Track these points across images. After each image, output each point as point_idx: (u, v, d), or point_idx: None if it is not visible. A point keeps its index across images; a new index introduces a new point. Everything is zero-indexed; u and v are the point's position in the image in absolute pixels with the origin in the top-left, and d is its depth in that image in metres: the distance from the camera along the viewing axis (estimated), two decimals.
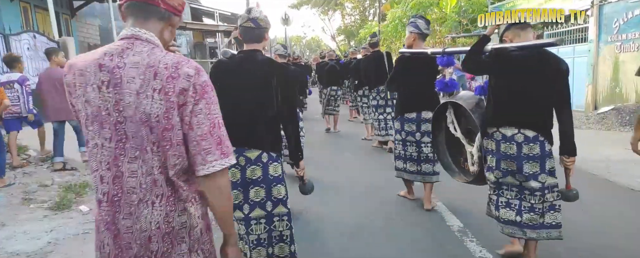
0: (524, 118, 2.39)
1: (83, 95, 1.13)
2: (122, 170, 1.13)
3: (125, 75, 1.10)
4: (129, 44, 1.14)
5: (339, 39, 37.16)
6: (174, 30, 1.27)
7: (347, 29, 34.11)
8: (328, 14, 36.71)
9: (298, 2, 35.58)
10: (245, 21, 2.18)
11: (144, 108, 1.10)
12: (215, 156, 1.14)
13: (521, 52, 2.38)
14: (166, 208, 1.16)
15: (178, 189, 1.17)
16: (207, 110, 1.13)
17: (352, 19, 34.27)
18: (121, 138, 1.12)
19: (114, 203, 1.15)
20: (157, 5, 1.17)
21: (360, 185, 4.57)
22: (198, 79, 1.13)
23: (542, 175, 2.39)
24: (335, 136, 8.03)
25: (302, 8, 36.00)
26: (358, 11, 33.39)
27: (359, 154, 6.25)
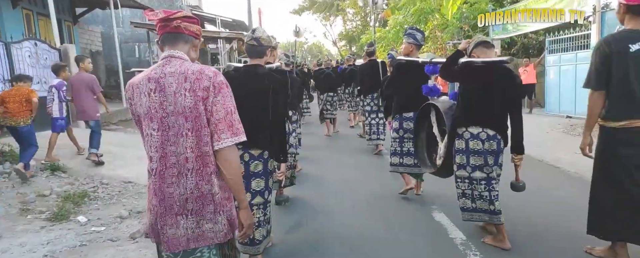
0: (486, 119, 2.89)
1: (139, 101, 1.57)
2: (166, 151, 1.55)
3: (166, 82, 1.54)
4: (166, 62, 1.59)
5: (341, 45, 37.10)
6: (197, 49, 1.73)
7: (348, 34, 34.06)
8: (330, 20, 36.71)
9: (299, 8, 35.51)
10: (250, 40, 2.63)
11: (180, 103, 1.53)
12: (227, 135, 1.55)
13: (484, 66, 2.87)
14: (195, 179, 1.56)
15: (206, 164, 1.56)
16: (222, 101, 1.55)
17: (354, 25, 34.23)
18: (165, 128, 1.55)
19: (160, 175, 1.56)
20: (181, 32, 1.62)
21: (360, 192, 4.59)
22: (216, 79, 1.56)
23: (495, 167, 2.93)
24: (335, 141, 8.19)
25: (303, 14, 36.07)
26: (359, 17, 33.38)
27: (359, 160, 6.34)
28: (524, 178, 3.15)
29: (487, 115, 2.90)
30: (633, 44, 2.35)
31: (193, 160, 1.56)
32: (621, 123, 2.42)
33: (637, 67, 2.36)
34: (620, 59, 2.37)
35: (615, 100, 2.44)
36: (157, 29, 1.65)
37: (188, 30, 1.65)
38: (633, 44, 2.35)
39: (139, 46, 14.29)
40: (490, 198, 2.95)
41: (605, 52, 2.42)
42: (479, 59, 2.91)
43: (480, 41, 2.98)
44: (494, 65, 2.88)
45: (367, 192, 4.57)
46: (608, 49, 2.41)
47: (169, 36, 1.63)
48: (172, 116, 1.54)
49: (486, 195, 2.94)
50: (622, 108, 2.42)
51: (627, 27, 2.45)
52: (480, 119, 2.91)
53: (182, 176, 1.56)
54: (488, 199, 2.95)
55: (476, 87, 2.92)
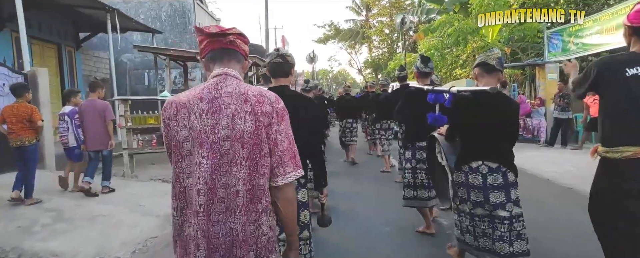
0: (485, 151, 2.59)
1: (188, 123, 1.35)
2: (215, 183, 1.32)
3: (223, 103, 1.35)
4: (221, 79, 1.40)
5: (366, 72, 36.11)
6: (244, 72, 1.54)
7: (374, 62, 33.08)
8: (355, 48, 36.07)
9: (324, 37, 35.22)
10: (275, 58, 2.48)
11: (239, 127, 1.33)
12: (291, 168, 1.39)
13: (477, 95, 2.60)
14: (244, 218, 1.34)
15: (258, 200, 1.36)
16: (286, 130, 1.40)
17: (380, 52, 33.31)
18: (216, 155, 1.33)
19: (208, 212, 1.33)
20: (237, 50, 1.47)
21: (378, 219, 4.46)
22: (278, 104, 1.40)
23: (509, 204, 2.55)
24: (354, 167, 8.11)
25: (328, 43, 35.59)
26: (386, 44, 32.43)
27: (378, 186, 6.17)
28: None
29: (486, 146, 2.62)
30: (630, 68, 2.11)
31: (243, 194, 1.33)
32: (624, 154, 2.10)
33: (636, 90, 2.09)
34: (615, 84, 2.15)
35: (614, 127, 2.19)
36: (205, 46, 1.44)
37: (241, 49, 1.48)
38: (630, 67, 2.11)
39: (148, 72, 13.29)
40: (506, 237, 2.56)
41: (593, 73, 2.21)
42: (466, 90, 2.74)
43: (481, 61, 2.63)
44: (484, 94, 2.55)
45: (385, 218, 4.45)
46: (596, 73, 2.20)
47: (223, 52, 1.43)
48: (226, 141, 1.33)
49: (489, 232, 2.61)
50: (619, 135, 2.15)
51: (633, 49, 2.19)
52: (480, 151, 2.62)
53: (230, 213, 1.33)
54: (508, 241, 2.56)
55: (471, 119, 2.65)
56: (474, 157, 2.59)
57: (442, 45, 13.01)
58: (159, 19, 13.31)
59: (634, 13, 2.16)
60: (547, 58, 10.62)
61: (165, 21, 13.34)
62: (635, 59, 2.14)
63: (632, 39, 2.21)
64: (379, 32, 31.54)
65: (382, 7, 31.72)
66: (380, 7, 31.92)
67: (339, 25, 35.11)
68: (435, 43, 13.43)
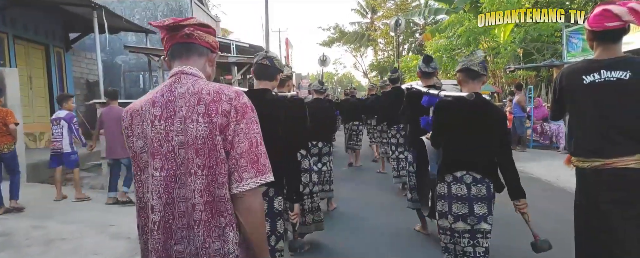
0: (469, 160, 2.46)
1: (142, 132, 1.24)
2: (173, 196, 1.20)
3: (176, 106, 1.22)
4: (176, 79, 1.27)
5: (371, 75, 35.57)
6: (213, 64, 1.40)
7: (379, 64, 32.53)
8: (360, 51, 35.61)
9: (329, 40, 34.79)
10: (262, 59, 2.43)
11: (190, 132, 1.19)
12: (250, 173, 1.20)
13: (459, 102, 2.47)
14: (203, 234, 1.19)
15: (220, 213, 1.20)
16: (247, 129, 1.22)
17: (385, 55, 32.82)
18: (171, 166, 1.20)
19: (166, 230, 1.21)
20: (195, 42, 1.31)
21: (378, 223, 4.48)
22: (238, 101, 1.23)
23: (490, 216, 2.44)
24: (358, 171, 8.01)
25: (333, 45, 35.18)
26: (391, 47, 31.94)
27: (381, 191, 6.13)
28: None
29: (470, 156, 2.44)
30: (587, 76, 2.05)
31: (201, 208, 1.19)
32: (593, 164, 2.03)
33: (593, 99, 2.03)
34: (575, 93, 2.11)
35: (580, 136, 2.12)
36: (164, 42, 1.33)
37: (202, 41, 1.32)
38: (587, 75, 2.05)
39: (144, 75, 12.73)
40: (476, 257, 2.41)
41: (556, 87, 2.23)
42: (447, 95, 2.62)
43: (464, 67, 2.46)
44: (467, 100, 2.36)
45: (386, 224, 4.44)
46: (559, 84, 2.20)
47: (179, 47, 1.31)
48: (180, 149, 1.20)
49: (470, 251, 2.42)
50: (590, 146, 2.06)
51: (594, 55, 2.12)
52: (464, 161, 2.45)
53: (191, 229, 1.20)
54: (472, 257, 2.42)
55: (454, 127, 2.49)
56: (458, 166, 2.46)
57: (452, 45, 12.34)
58: (155, 19, 12.77)
59: (594, 17, 2.03)
60: (566, 59, 9.93)
61: None
62: (593, 66, 2.06)
63: (593, 43, 2.11)
64: (384, 34, 31.08)
65: (387, 10, 31.27)
66: (385, 10, 31.48)
67: (344, 28, 34.79)
68: (445, 43, 12.75)
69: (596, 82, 2.02)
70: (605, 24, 1.99)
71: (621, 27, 1.99)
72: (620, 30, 2.01)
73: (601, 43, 2.06)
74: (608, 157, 1.97)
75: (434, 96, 2.92)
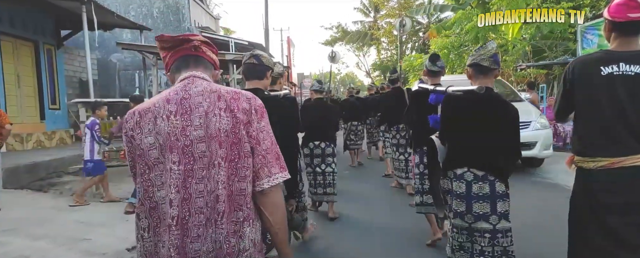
0: (471, 156, 2.38)
1: (154, 128, 1.23)
2: (190, 192, 1.19)
3: (193, 103, 1.24)
4: (189, 81, 1.28)
5: (374, 75, 35.14)
6: (214, 81, 1.39)
7: (382, 64, 32.09)
8: (363, 50, 35.22)
9: (332, 39, 34.40)
10: (249, 58, 2.41)
11: (214, 125, 1.21)
12: (277, 169, 1.26)
13: (468, 96, 2.42)
14: (226, 227, 1.20)
15: (239, 207, 1.22)
16: (267, 128, 1.28)
17: (389, 54, 32.39)
18: (189, 160, 1.20)
19: (183, 226, 1.18)
20: (202, 56, 1.35)
21: (379, 224, 4.42)
22: (255, 101, 1.29)
23: (493, 217, 2.33)
24: (358, 171, 7.99)
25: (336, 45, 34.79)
26: (394, 46, 31.53)
27: (381, 192, 6.07)
28: None
29: (473, 153, 2.35)
30: (606, 67, 1.92)
31: (224, 200, 1.19)
32: (600, 164, 1.90)
33: (609, 93, 1.91)
34: (589, 85, 1.97)
35: (588, 133, 1.99)
36: (169, 58, 1.34)
37: (207, 56, 1.37)
38: (605, 66, 1.92)
39: (139, 73, 12.32)
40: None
41: (567, 78, 2.06)
42: (456, 90, 2.53)
43: (473, 62, 2.36)
44: (477, 94, 2.30)
45: (386, 224, 4.41)
46: (571, 74, 2.04)
47: (187, 59, 1.33)
48: (200, 143, 1.20)
49: (468, 246, 2.37)
50: (598, 143, 1.94)
51: (610, 47, 2.01)
52: (466, 158, 2.37)
53: (211, 223, 1.18)
54: (470, 252, 2.37)
55: (459, 122, 2.43)
56: (459, 163, 2.41)
57: (459, 42, 11.88)
58: (151, 15, 12.39)
59: (616, 6, 1.93)
60: (580, 54, 9.46)
61: (157, 18, 12.41)
62: (612, 57, 1.94)
63: (611, 35, 2.01)
64: (387, 33, 30.66)
65: (390, 8, 30.84)
66: (388, 8, 31.04)
67: (346, 27, 34.36)
68: (452, 40, 12.31)
69: (614, 74, 1.90)
70: (628, 15, 1.87)
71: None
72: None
73: (620, 35, 1.94)
74: (616, 156, 1.86)
75: (442, 93, 2.82)
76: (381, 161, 8.41)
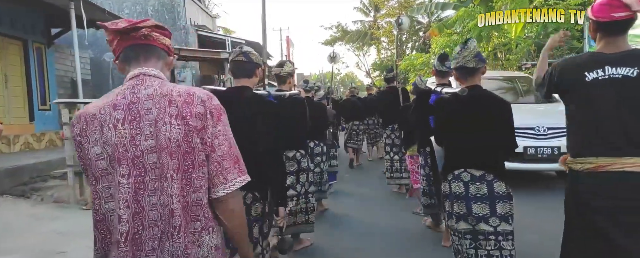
0: (468, 157, 2.40)
1: (100, 138, 1.16)
2: (142, 205, 1.14)
3: (142, 108, 1.15)
4: (139, 81, 1.20)
5: (374, 75, 34.90)
6: (169, 70, 1.35)
7: (383, 64, 31.86)
8: (363, 50, 34.99)
9: (331, 39, 34.17)
10: (237, 55, 2.31)
11: (164, 135, 1.14)
12: (234, 175, 1.21)
13: (458, 98, 2.43)
14: (184, 240, 1.16)
15: (196, 218, 1.18)
16: (224, 131, 1.22)
17: (389, 54, 32.17)
18: (140, 172, 1.14)
19: (134, 241, 1.14)
20: (154, 44, 1.25)
21: (379, 224, 4.40)
22: (211, 103, 1.22)
23: (493, 218, 2.30)
24: (357, 171, 8.02)
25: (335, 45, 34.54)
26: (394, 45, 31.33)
27: (381, 192, 6.03)
28: None
29: (469, 153, 2.37)
30: (590, 72, 1.89)
31: (180, 213, 1.15)
32: (586, 166, 1.90)
33: (594, 98, 1.90)
34: (574, 91, 1.97)
35: (578, 134, 2.00)
36: (116, 45, 1.23)
37: (160, 43, 1.26)
38: (590, 71, 1.89)
39: None
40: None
41: (551, 79, 2.05)
42: (447, 92, 2.62)
43: (458, 66, 2.41)
44: (462, 97, 2.35)
45: (386, 224, 4.39)
46: (556, 77, 2.02)
47: (137, 49, 1.23)
48: (150, 153, 1.14)
49: (472, 253, 2.32)
50: (581, 146, 1.96)
51: (597, 47, 2.00)
52: (463, 158, 2.39)
53: (167, 237, 1.15)
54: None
55: (453, 122, 2.45)
56: (456, 164, 2.43)
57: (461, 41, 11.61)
58: (145, 14, 12.09)
59: (599, 5, 1.90)
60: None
61: (151, 16, 12.07)
62: (597, 60, 1.90)
63: (596, 35, 1.98)
64: (387, 33, 30.44)
65: (390, 8, 30.61)
66: (388, 8, 30.81)
67: (346, 27, 34.20)
68: (455, 39, 12.01)
69: (600, 79, 1.87)
70: (611, 14, 1.84)
71: (629, 18, 1.83)
72: (627, 21, 1.85)
73: (605, 35, 1.92)
74: (603, 157, 1.85)
75: (438, 94, 2.79)
76: (381, 161, 8.41)
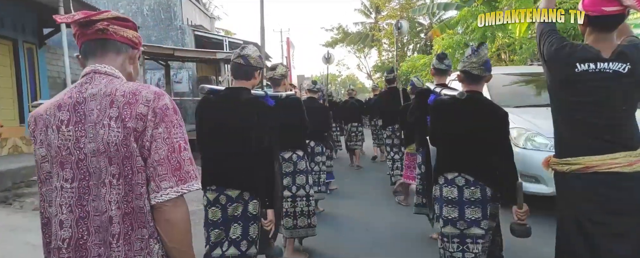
0: (462, 161, 2.38)
1: (45, 139, 1.14)
2: (87, 210, 1.12)
3: (87, 109, 1.12)
4: (88, 79, 1.17)
5: (375, 77, 34.70)
6: (136, 63, 1.29)
7: (384, 65, 31.65)
8: (363, 51, 34.79)
9: (332, 40, 33.99)
10: (236, 57, 2.36)
11: (101, 138, 1.10)
12: (170, 182, 1.12)
13: (454, 100, 2.43)
14: (124, 249, 1.11)
15: (141, 225, 1.13)
16: (166, 134, 1.13)
17: (390, 56, 31.98)
18: (84, 176, 1.12)
19: (79, 247, 1.11)
20: (111, 38, 1.20)
21: (380, 224, 4.42)
22: (157, 103, 1.13)
23: (485, 221, 2.34)
24: (357, 171, 8.07)
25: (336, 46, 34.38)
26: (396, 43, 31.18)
27: (381, 191, 6.08)
28: None
29: (463, 158, 2.36)
30: (581, 64, 1.84)
31: (119, 221, 1.10)
32: (574, 167, 1.83)
33: (582, 91, 1.85)
34: (565, 80, 1.91)
35: (563, 131, 1.95)
36: (76, 38, 1.21)
37: (119, 36, 1.21)
38: (582, 62, 1.84)
39: None
40: None
41: (542, 51, 2.05)
42: (445, 94, 2.58)
43: (464, 69, 2.39)
44: (461, 99, 2.34)
45: (386, 223, 4.44)
46: (545, 49, 2.00)
47: (93, 44, 1.19)
48: (92, 157, 1.10)
49: (459, 256, 2.31)
50: (568, 144, 1.91)
51: (586, 41, 1.94)
52: (456, 162, 2.37)
53: (107, 246, 1.10)
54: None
55: (448, 125, 2.46)
56: (449, 167, 2.40)
57: (464, 41, 11.33)
58: (141, 13, 11.85)
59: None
60: None
61: (147, 16, 11.87)
62: (590, 52, 1.84)
63: (585, 29, 1.95)
64: (388, 34, 30.25)
65: (391, 9, 30.44)
66: (390, 9, 30.64)
67: (347, 29, 34.04)
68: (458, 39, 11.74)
69: (590, 72, 1.82)
70: (602, 8, 1.80)
71: (620, 13, 1.79)
72: (617, 17, 1.81)
73: (594, 30, 1.88)
74: (589, 155, 1.80)
75: (436, 94, 2.82)
76: (383, 162, 8.55)
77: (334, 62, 17.77)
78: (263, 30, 10.45)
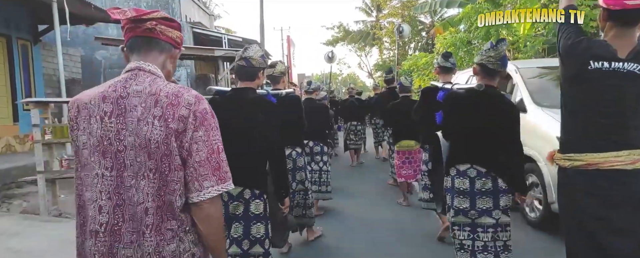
0: (474, 153, 2.41)
1: (88, 127, 1.19)
2: (124, 198, 1.17)
3: (129, 104, 1.17)
4: (132, 75, 1.22)
5: (377, 75, 34.52)
6: (175, 63, 1.37)
7: (385, 64, 31.46)
8: (365, 50, 34.59)
9: (333, 39, 33.80)
10: (239, 59, 2.40)
11: (144, 134, 1.15)
12: (211, 182, 1.19)
13: (469, 94, 2.49)
14: (156, 239, 1.17)
15: (168, 218, 1.18)
16: (206, 137, 1.20)
17: (391, 54, 31.78)
18: (121, 166, 1.17)
19: (114, 232, 1.17)
20: (157, 37, 1.26)
21: (380, 223, 4.45)
22: (198, 106, 1.20)
23: (496, 211, 2.38)
24: (357, 171, 8.01)
25: (337, 45, 34.16)
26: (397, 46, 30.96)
27: (381, 190, 6.11)
28: None
29: (476, 150, 2.40)
30: (595, 61, 1.79)
31: (153, 212, 1.16)
32: (576, 163, 1.81)
33: (594, 89, 1.81)
34: (576, 76, 1.86)
35: (570, 127, 1.92)
36: (124, 32, 1.27)
37: (165, 36, 1.27)
38: (596, 60, 1.79)
39: None
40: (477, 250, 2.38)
41: (558, 40, 2.05)
42: (460, 87, 2.64)
43: (480, 62, 2.42)
44: (476, 92, 2.39)
45: (388, 221, 4.48)
46: (561, 43, 1.97)
47: (139, 41, 1.26)
48: (131, 150, 1.16)
49: (468, 244, 2.39)
50: (573, 140, 1.88)
51: (605, 38, 1.88)
52: (469, 154, 2.42)
53: (140, 235, 1.16)
54: (493, 251, 2.38)
55: (461, 118, 2.48)
56: (462, 159, 2.44)
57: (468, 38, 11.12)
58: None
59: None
60: None
61: None
62: (605, 50, 1.78)
63: (606, 24, 1.89)
64: (389, 33, 30.04)
65: (393, 7, 30.23)
66: (391, 8, 30.43)
67: (348, 27, 33.88)
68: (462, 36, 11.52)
69: (603, 70, 1.78)
70: (624, 2, 1.74)
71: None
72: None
73: (616, 25, 1.82)
74: (592, 157, 1.78)
75: (448, 90, 2.85)
76: (384, 162, 8.54)
77: (336, 60, 17.74)
78: (262, 28, 10.24)
